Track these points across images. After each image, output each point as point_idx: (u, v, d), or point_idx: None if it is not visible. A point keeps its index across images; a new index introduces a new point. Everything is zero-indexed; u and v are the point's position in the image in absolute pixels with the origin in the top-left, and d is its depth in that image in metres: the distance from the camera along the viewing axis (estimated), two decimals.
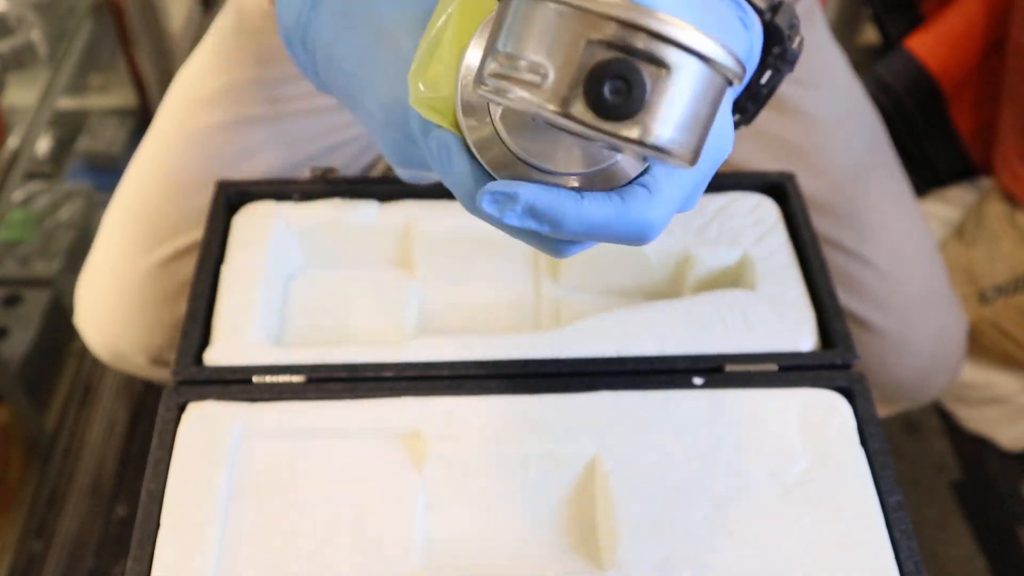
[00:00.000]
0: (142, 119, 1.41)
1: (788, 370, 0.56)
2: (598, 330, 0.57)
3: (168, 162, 0.77)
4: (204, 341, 0.58)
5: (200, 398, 0.55)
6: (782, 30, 0.44)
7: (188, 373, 0.55)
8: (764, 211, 0.64)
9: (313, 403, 0.55)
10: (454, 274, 0.64)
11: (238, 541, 0.50)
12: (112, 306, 0.78)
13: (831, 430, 0.54)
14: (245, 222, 0.63)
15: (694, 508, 0.51)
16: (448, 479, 0.53)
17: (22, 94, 1.15)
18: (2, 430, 1.06)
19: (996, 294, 1.11)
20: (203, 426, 0.54)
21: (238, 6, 0.79)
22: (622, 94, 0.28)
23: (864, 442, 0.53)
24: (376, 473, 0.53)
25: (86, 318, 0.80)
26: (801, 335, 0.58)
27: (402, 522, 0.51)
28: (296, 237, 0.64)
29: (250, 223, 0.63)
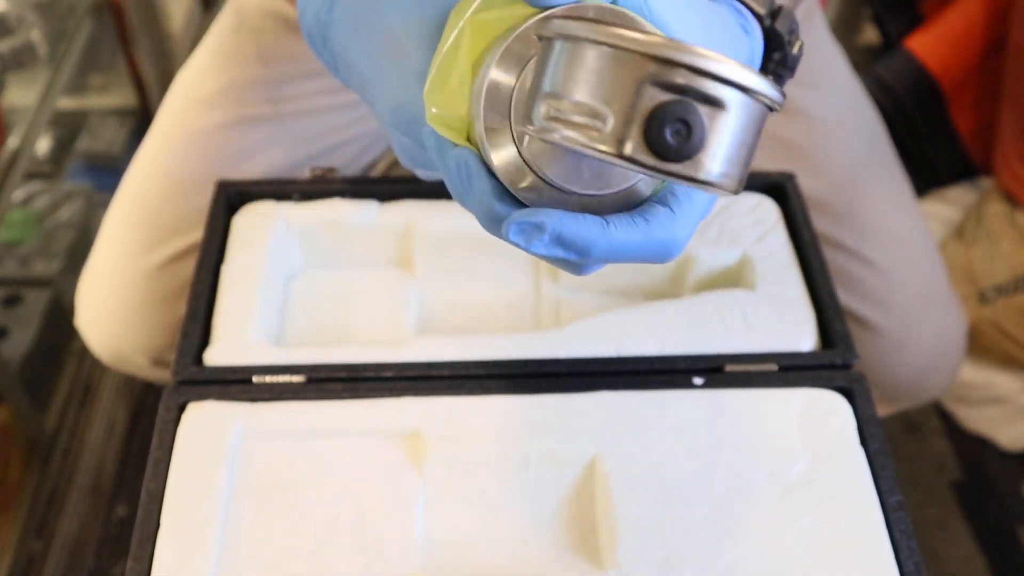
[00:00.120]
0: (142, 119, 1.41)
1: (788, 370, 0.56)
2: (598, 330, 0.57)
3: (168, 162, 0.77)
4: (204, 341, 0.58)
5: (200, 398, 0.55)
6: (782, 36, 0.44)
7: (188, 373, 0.55)
8: (764, 211, 0.64)
9: (313, 403, 0.55)
10: (454, 274, 0.64)
11: (238, 541, 0.50)
12: (113, 306, 0.78)
13: (831, 430, 0.54)
14: (245, 222, 0.63)
15: (694, 508, 0.51)
16: (448, 479, 0.53)
17: (22, 94, 1.15)
18: (2, 430, 1.06)
19: (996, 294, 1.11)
20: (203, 426, 0.54)
21: (238, 6, 0.79)
22: (682, 136, 0.28)
23: (864, 442, 0.53)
24: (376, 473, 0.53)
25: (86, 318, 0.80)
26: (801, 335, 0.58)
27: (402, 522, 0.51)
28: (296, 237, 0.64)
29: (250, 223, 0.63)
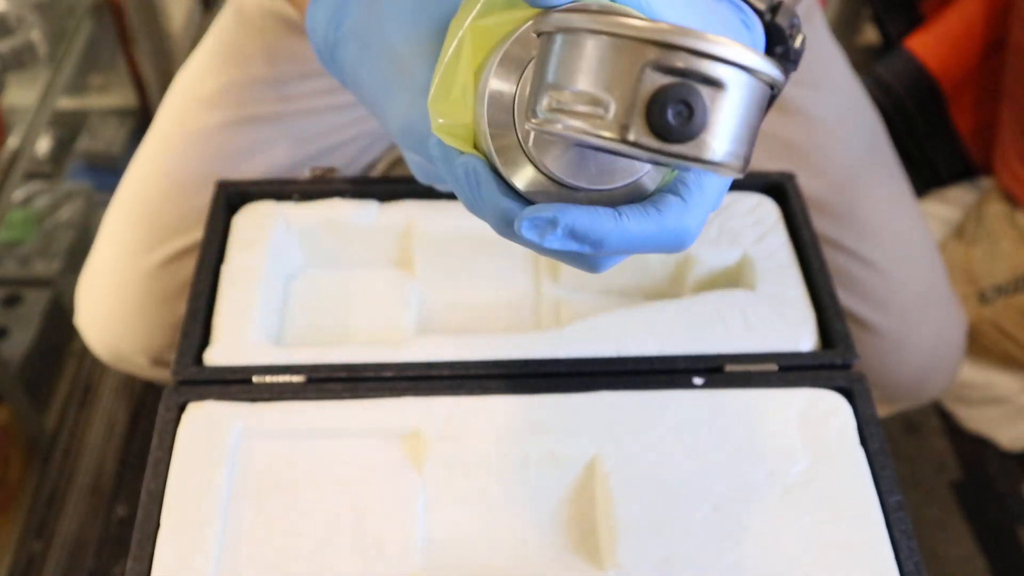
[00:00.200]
0: (142, 119, 1.41)
1: (788, 370, 0.56)
2: (598, 330, 0.57)
3: (168, 162, 0.77)
4: (204, 341, 0.58)
5: (200, 398, 0.55)
6: (783, 30, 0.44)
7: (188, 373, 0.55)
8: (764, 211, 0.64)
9: (313, 403, 0.55)
10: (454, 274, 0.64)
11: (238, 541, 0.50)
12: (112, 306, 0.78)
13: (831, 430, 0.54)
14: (245, 222, 0.63)
15: (694, 508, 0.51)
16: (448, 479, 0.53)
17: (22, 94, 1.15)
18: (2, 430, 1.06)
19: (996, 294, 1.11)
20: (203, 426, 0.54)
21: (238, 6, 0.79)
22: (684, 117, 0.29)
23: (864, 442, 0.53)
24: (376, 473, 0.53)
25: (86, 318, 0.80)
26: (801, 335, 0.58)
27: (402, 522, 0.51)
28: (296, 237, 0.64)
29: (250, 223, 0.63)
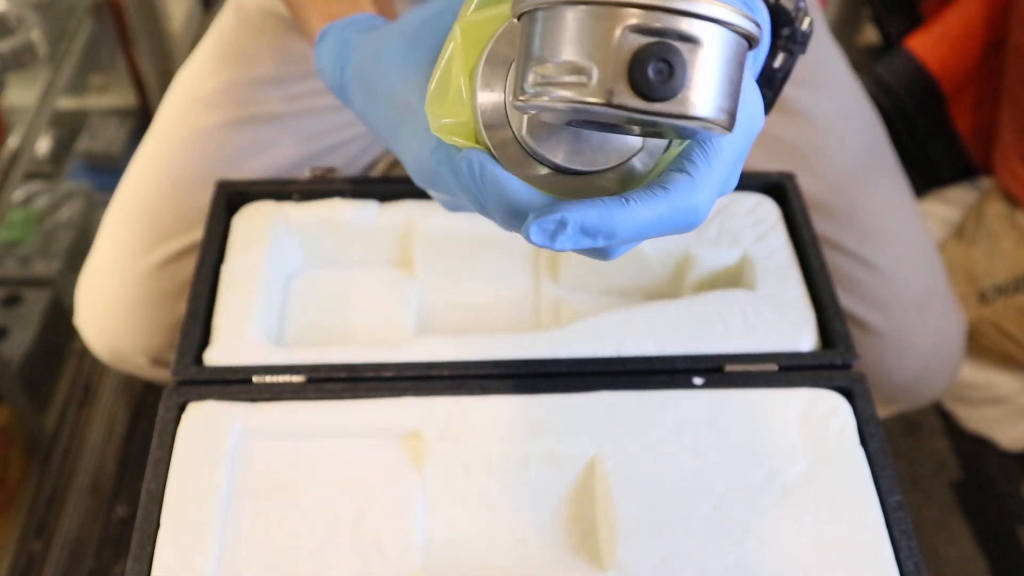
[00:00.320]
0: (142, 119, 1.41)
1: (788, 370, 0.56)
2: (598, 330, 0.57)
3: (168, 162, 0.77)
4: (204, 341, 0.58)
5: (200, 398, 0.55)
6: (788, 11, 0.44)
7: (188, 373, 0.55)
8: (764, 211, 0.64)
9: (313, 403, 0.55)
10: (454, 274, 0.64)
11: (238, 541, 0.50)
12: (112, 306, 0.78)
13: (831, 430, 0.54)
14: (245, 222, 0.63)
15: (694, 508, 0.51)
16: (448, 479, 0.53)
17: (22, 94, 1.15)
18: (2, 430, 1.06)
19: (996, 294, 1.11)
20: (203, 426, 0.54)
21: (238, 6, 0.79)
22: (664, 75, 0.29)
23: (864, 442, 0.53)
24: (376, 473, 0.53)
25: (86, 318, 0.80)
26: (801, 335, 0.58)
27: (402, 522, 0.51)
28: (296, 237, 0.64)
29: (250, 223, 0.63)
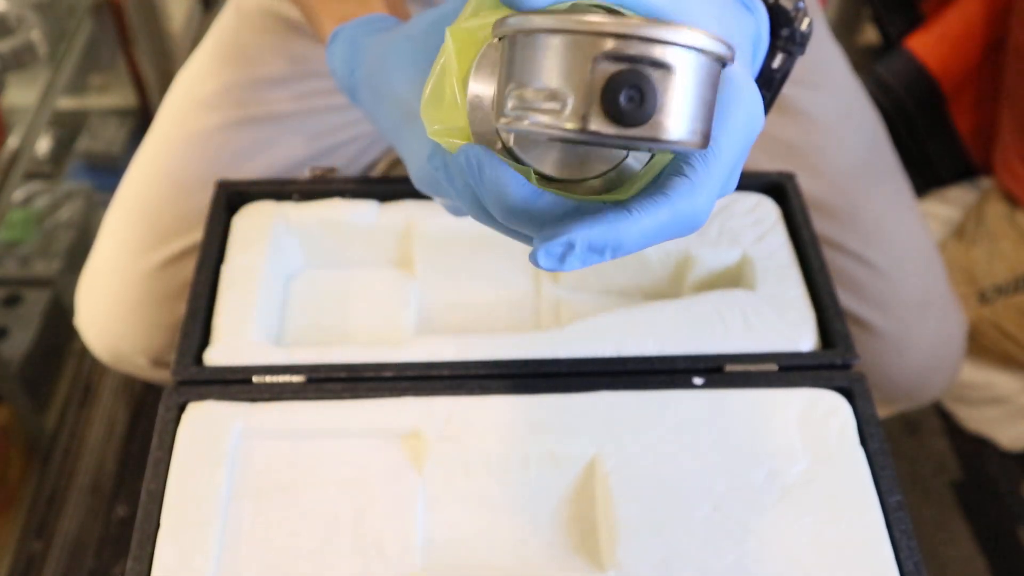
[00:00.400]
0: (142, 119, 1.41)
1: (788, 370, 0.56)
2: (598, 330, 0.57)
3: (168, 162, 0.77)
4: (204, 341, 0.58)
5: (200, 398, 0.55)
6: (788, 12, 0.44)
7: (188, 373, 0.55)
8: (764, 211, 0.64)
9: (313, 403, 0.55)
10: (454, 274, 0.64)
11: (238, 541, 0.50)
12: (112, 307, 0.78)
13: (831, 430, 0.54)
14: (245, 222, 0.63)
15: (694, 508, 0.51)
16: (448, 479, 0.53)
17: (22, 94, 1.15)
18: (2, 430, 1.06)
19: (996, 294, 1.11)
20: (203, 426, 0.54)
21: (238, 6, 0.79)
22: (636, 101, 0.30)
23: (864, 442, 0.53)
24: (376, 473, 0.53)
25: (86, 318, 0.80)
26: (801, 335, 0.58)
27: (402, 522, 0.51)
28: (296, 237, 0.64)
29: (250, 223, 0.63)
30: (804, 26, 0.44)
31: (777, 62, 0.46)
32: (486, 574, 0.51)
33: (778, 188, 0.66)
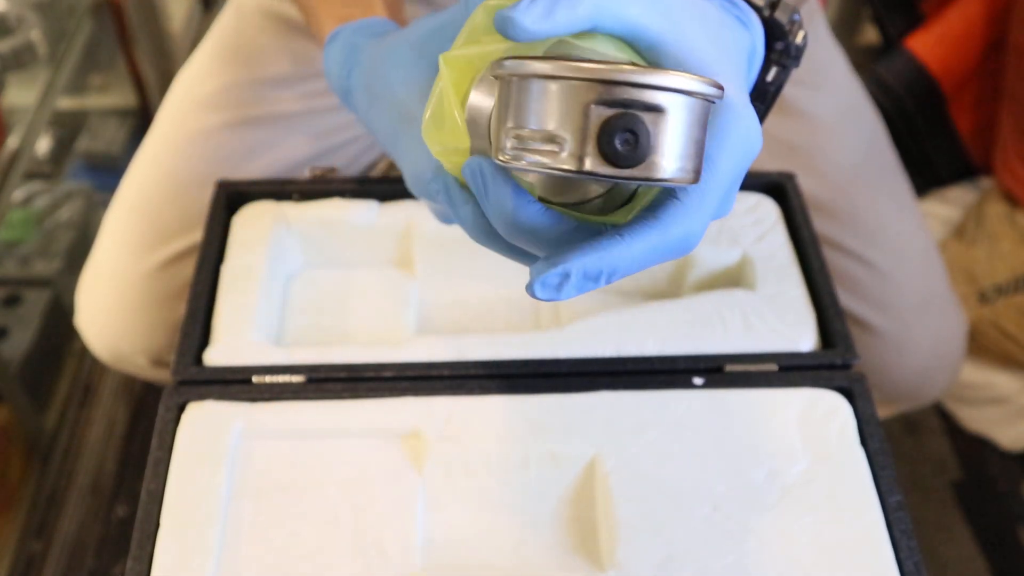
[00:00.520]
0: (142, 119, 1.41)
1: (788, 370, 0.56)
2: (598, 330, 0.57)
3: (168, 162, 0.77)
4: (204, 341, 0.58)
5: (200, 398, 0.55)
6: (782, 25, 0.44)
7: (188, 373, 0.55)
8: (764, 211, 0.64)
9: (313, 403, 0.55)
10: (454, 274, 0.64)
11: (238, 541, 0.50)
12: (112, 307, 0.78)
13: (831, 430, 0.54)
14: (245, 222, 0.63)
15: (694, 508, 0.51)
16: (448, 479, 0.53)
17: (22, 94, 1.15)
18: (2, 430, 1.06)
19: (996, 294, 1.11)
20: (203, 426, 0.54)
21: (238, 6, 0.79)
22: (631, 144, 0.31)
23: (864, 442, 0.53)
24: (376, 473, 0.53)
25: (86, 318, 0.80)
26: (801, 335, 0.58)
27: (402, 522, 0.51)
28: (296, 237, 0.64)
29: (250, 223, 0.63)
30: (799, 39, 0.45)
31: (771, 76, 0.46)
32: (486, 574, 0.51)
33: (778, 188, 0.66)
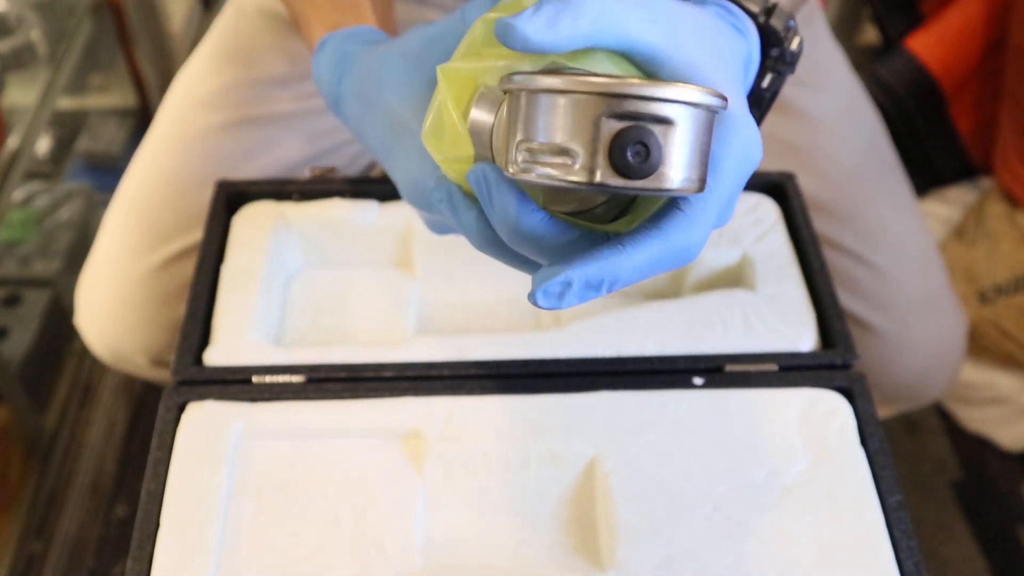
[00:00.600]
0: (142, 119, 1.41)
1: (788, 370, 0.56)
2: (598, 330, 0.57)
3: (168, 162, 0.77)
4: (204, 341, 0.58)
5: (200, 398, 0.55)
6: (778, 32, 0.44)
7: (188, 373, 0.55)
8: (764, 211, 0.64)
9: (313, 403, 0.55)
10: (454, 274, 0.64)
11: (238, 541, 0.50)
12: (112, 306, 0.78)
13: (831, 430, 0.54)
14: (245, 222, 0.63)
15: (694, 508, 0.51)
16: (448, 479, 0.53)
17: (22, 94, 1.15)
18: (2, 430, 1.06)
19: (996, 294, 1.11)
20: (203, 426, 0.54)
21: (238, 6, 0.79)
22: (642, 156, 0.32)
23: (864, 442, 0.53)
24: (376, 473, 0.53)
25: (86, 318, 0.80)
26: (801, 335, 0.58)
27: (402, 522, 0.51)
28: (296, 237, 0.64)
29: (250, 223, 0.63)
30: (794, 45, 0.45)
31: (767, 82, 0.46)
32: (486, 574, 0.51)
33: (778, 188, 0.66)
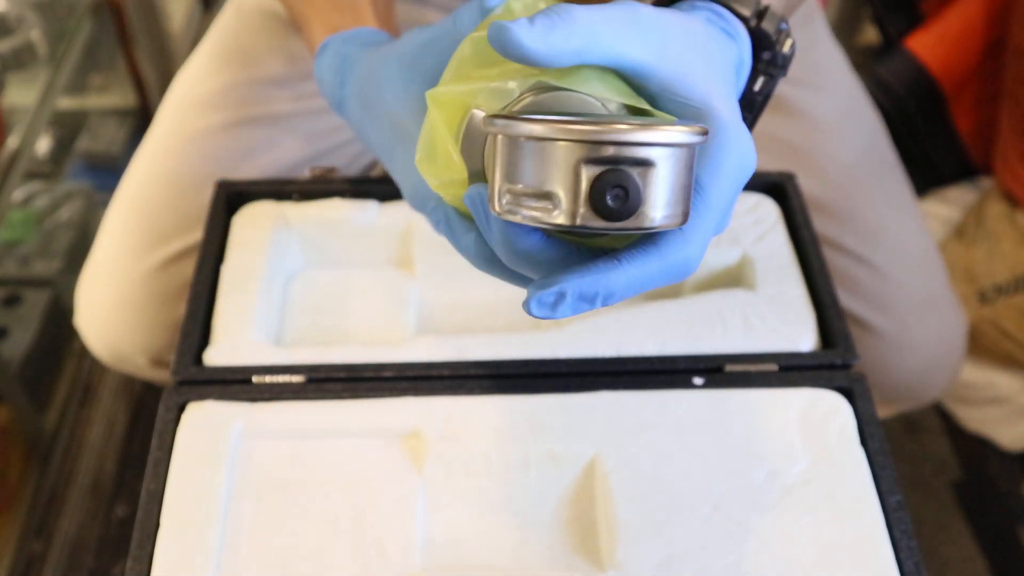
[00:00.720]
0: (142, 119, 1.41)
1: (788, 370, 0.56)
2: (598, 330, 0.57)
3: (168, 162, 0.77)
4: (204, 341, 0.58)
5: (200, 398, 0.55)
6: (769, 35, 0.44)
7: (188, 373, 0.55)
8: (764, 211, 0.64)
9: (313, 403, 0.55)
10: (454, 274, 0.64)
11: (238, 541, 0.50)
12: (112, 307, 0.78)
13: (831, 430, 0.54)
14: (245, 222, 0.63)
15: (694, 508, 0.51)
16: (448, 479, 0.53)
17: (22, 94, 1.15)
18: (2, 430, 1.06)
19: (996, 294, 1.11)
20: (203, 426, 0.54)
21: (238, 6, 0.79)
22: (621, 199, 0.32)
23: (864, 442, 0.53)
24: (376, 473, 0.53)
25: (86, 318, 0.80)
26: (801, 335, 0.58)
27: (402, 522, 0.51)
28: (296, 237, 0.64)
29: (250, 223, 0.63)
30: (786, 48, 0.45)
31: (759, 85, 0.46)
32: (486, 574, 0.51)
33: (778, 188, 0.66)
